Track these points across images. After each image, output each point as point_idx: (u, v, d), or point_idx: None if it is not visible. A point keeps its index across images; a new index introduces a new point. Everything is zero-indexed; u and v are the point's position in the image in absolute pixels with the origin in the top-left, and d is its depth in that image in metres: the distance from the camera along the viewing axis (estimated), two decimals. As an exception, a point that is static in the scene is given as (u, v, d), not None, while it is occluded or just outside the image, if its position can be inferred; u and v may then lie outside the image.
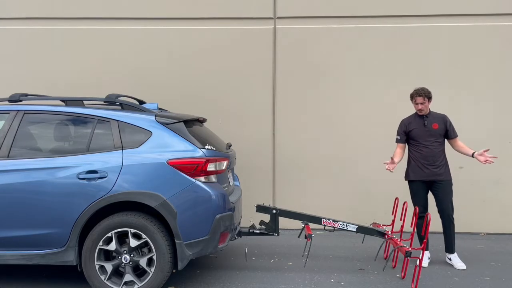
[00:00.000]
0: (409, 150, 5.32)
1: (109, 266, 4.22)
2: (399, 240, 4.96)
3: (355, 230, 5.06)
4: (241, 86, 6.89)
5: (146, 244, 4.21)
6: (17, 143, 4.37)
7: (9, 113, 4.49)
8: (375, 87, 6.76)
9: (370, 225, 5.31)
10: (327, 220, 5.05)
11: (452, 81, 6.69)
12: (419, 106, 5.17)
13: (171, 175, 4.22)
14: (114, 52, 6.93)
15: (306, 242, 4.85)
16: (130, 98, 5.17)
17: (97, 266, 4.21)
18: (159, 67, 6.89)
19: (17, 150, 4.36)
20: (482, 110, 6.70)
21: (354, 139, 6.82)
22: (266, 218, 5.14)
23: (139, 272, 4.27)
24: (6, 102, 4.65)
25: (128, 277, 4.20)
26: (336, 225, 5.04)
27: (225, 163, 4.60)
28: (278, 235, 5.15)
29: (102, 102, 4.77)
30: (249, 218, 5.33)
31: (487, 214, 6.71)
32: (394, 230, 5.28)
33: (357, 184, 6.83)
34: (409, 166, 5.29)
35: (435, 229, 5.26)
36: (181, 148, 4.31)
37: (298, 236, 5.11)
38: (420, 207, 5.12)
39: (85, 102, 4.64)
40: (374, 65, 6.77)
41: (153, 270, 4.19)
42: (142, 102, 5.27)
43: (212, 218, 4.27)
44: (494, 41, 6.67)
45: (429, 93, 5.18)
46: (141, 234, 4.19)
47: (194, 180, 4.25)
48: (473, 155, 5.19)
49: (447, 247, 5.24)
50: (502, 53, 6.68)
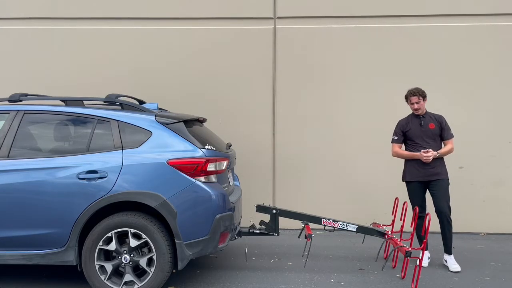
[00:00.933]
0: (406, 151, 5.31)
1: (109, 266, 4.22)
2: (399, 240, 4.96)
3: (355, 230, 5.06)
4: (241, 86, 6.89)
5: (146, 244, 4.21)
6: (17, 143, 4.37)
7: (9, 113, 4.49)
8: (375, 87, 6.76)
9: (370, 225, 5.31)
10: (327, 220, 5.05)
11: (452, 81, 6.69)
12: (415, 106, 5.15)
13: (171, 175, 4.22)
14: (114, 52, 6.93)
15: (306, 242, 4.85)
16: (130, 98, 5.17)
17: (97, 266, 4.20)
18: (159, 67, 6.89)
19: (17, 150, 4.35)
20: (482, 110, 6.69)
21: (354, 139, 6.82)
22: (266, 218, 5.14)
23: (139, 272, 4.27)
24: (6, 102, 4.65)
25: (128, 277, 4.20)
26: (336, 225, 5.04)
27: (225, 163, 4.60)
28: (278, 235, 5.15)
29: (102, 102, 4.77)
30: (249, 218, 5.32)
31: (487, 214, 6.71)
32: (394, 230, 5.28)
33: (357, 184, 6.83)
34: (406, 166, 5.28)
35: (435, 229, 5.25)
36: (181, 148, 4.31)
37: (298, 236, 5.11)
38: (418, 208, 5.12)
39: (85, 102, 4.64)
40: (374, 65, 6.77)
41: (153, 270, 4.19)
42: (142, 102, 5.27)
43: (212, 218, 4.27)
44: (494, 41, 6.67)
45: (423, 92, 5.16)
46: (141, 234, 4.18)
47: (194, 180, 4.24)
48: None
49: (444, 248, 5.21)
50: (502, 53, 6.68)
